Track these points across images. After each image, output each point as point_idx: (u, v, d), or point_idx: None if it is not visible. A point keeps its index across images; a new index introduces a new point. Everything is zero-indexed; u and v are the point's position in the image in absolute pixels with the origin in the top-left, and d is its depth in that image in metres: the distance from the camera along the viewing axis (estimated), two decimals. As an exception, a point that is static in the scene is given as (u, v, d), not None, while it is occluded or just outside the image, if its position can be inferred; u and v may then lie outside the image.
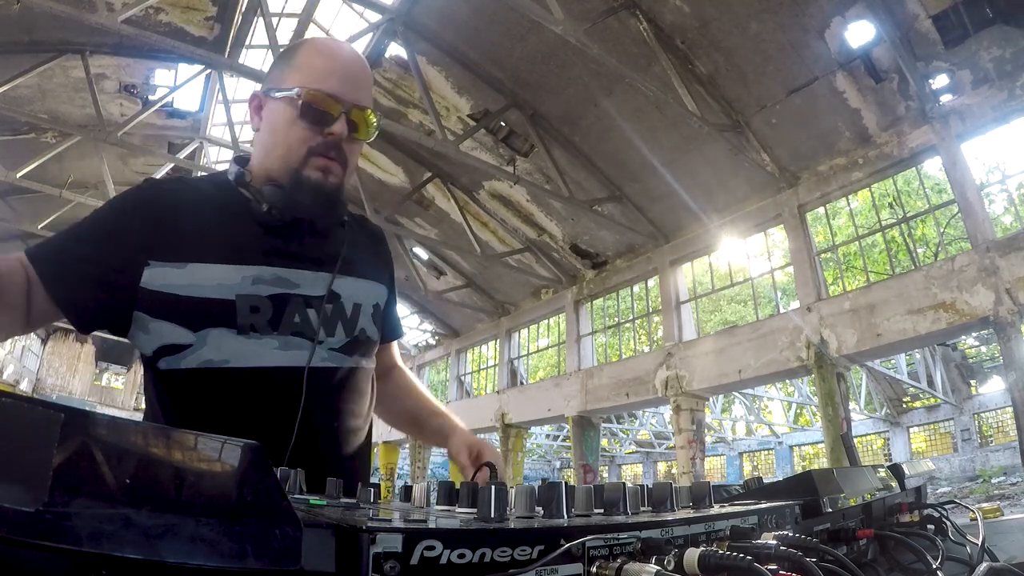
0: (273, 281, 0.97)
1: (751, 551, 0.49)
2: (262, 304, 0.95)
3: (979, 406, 18.74)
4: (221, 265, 0.94)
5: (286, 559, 0.32)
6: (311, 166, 0.99)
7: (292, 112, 0.98)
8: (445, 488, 0.65)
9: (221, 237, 0.97)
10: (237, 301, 0.94)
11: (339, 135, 0.99)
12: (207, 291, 0.93)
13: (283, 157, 1.00)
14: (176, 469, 0.31)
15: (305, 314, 0.98)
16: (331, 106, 0.98)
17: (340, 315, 1.03)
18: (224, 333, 0.93)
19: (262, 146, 1.04)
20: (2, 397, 0.28)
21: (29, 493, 0.26)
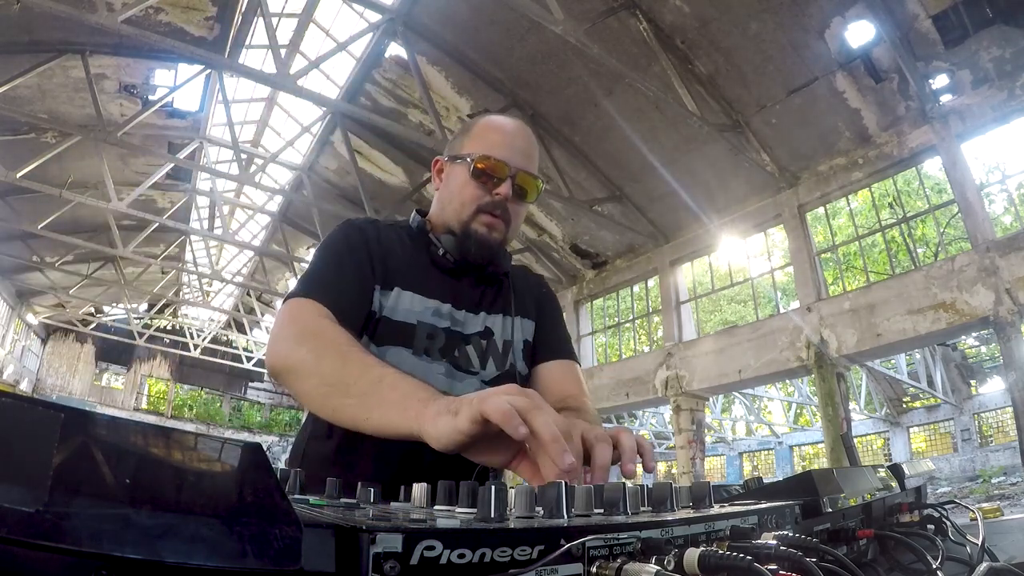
0: (447, 316, 1.15)
1: (751, 551, 0.49)
2: (437, 334, 1.13)
3: (979, 406, 18.75)
4: (411, 293, 1.12)
5: (286, 559, 0.32)
6: (479, 221, 1.15)
7: (466, 174, 1.14)
8: (445, 488, 0.65)
9: (410, 270, 1.15)
10: (417, 327, 1.11)
11: (504, 195, 1.13)
12: (397, 314, 1.11)
13: (457, 212, 1.16)
14: (176, 469, 0.31)
15: (464, 350, 1.16)
16: (499, 170, 1.13)
17: (493, 351, 1.19)
18: (401, 351, 1.09)
19: (440, 201, 1.22)
20: (2, 397, 0.28)
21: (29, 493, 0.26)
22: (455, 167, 1.18)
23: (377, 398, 0.80)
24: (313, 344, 0.91)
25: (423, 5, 9.25)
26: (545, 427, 0.63)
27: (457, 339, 1.15)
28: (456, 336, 1.15)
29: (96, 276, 17.58)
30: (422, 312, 1.12)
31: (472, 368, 1.15)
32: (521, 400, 0.65)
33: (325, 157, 13.73)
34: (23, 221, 12.75)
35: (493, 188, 1.13)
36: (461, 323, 1.16)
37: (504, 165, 1.13)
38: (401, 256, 1.16)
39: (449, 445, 0.68)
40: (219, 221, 16.78)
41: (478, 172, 1.13)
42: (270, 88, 12.19)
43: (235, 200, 16.17)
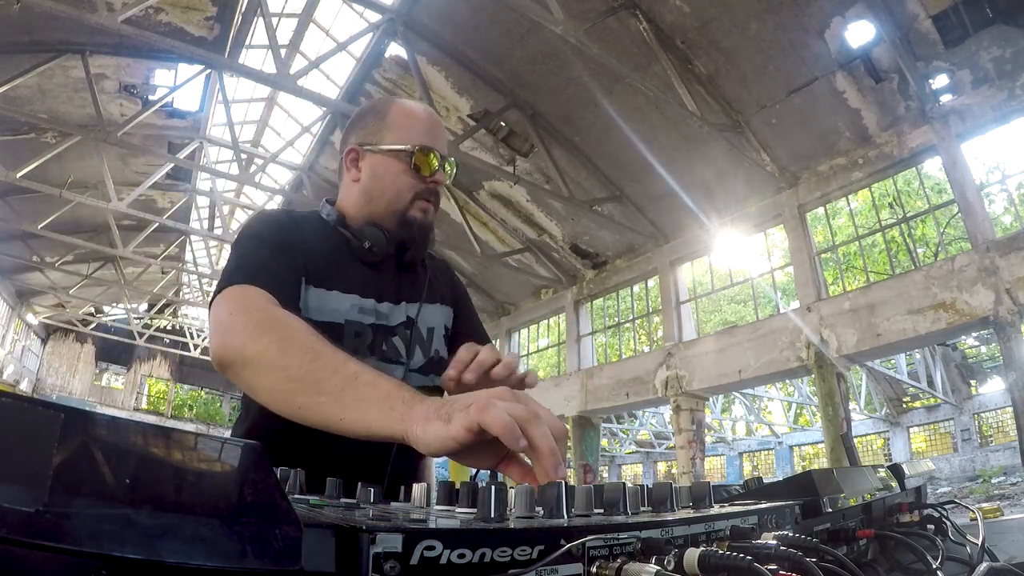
0: (371, 311, 1.15)
1: (751, 551, 0.49)
2: (364, 331, 1.13)
3: (979, 406, 18.74)
4: (336, 292, 1.11)
5: (286, 559, 0.32)
6: (415, 208, 1.17)
7: (401, 164, 1.15)
8: (445, 488, 0.65)
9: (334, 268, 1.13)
10: (345, 326, 1.10)
11: (441, 181, 1.17)
12: (323, 315, 1.08)
13: (391, 202, 1.17)
14: (176, 469, 0.31)
15: (391, 342, 1.16)
16: (433, 158, 1.16)
17: (419, 340, 1.20)
18: None
19: (364, 192, 1.19)
20: (2, 397, 0.28)
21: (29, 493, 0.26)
22: (384, 158, 1.16)
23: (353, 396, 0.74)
24: (275, 335, 0.85)
25: (423, 5, 9.25)
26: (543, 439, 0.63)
27: (383, 332, 1.15)
28: (382, 329, 1.15)
29: (96, 276, 17.58)
30: (348, 310, 1.12)
31: (400, 359, 1.16)
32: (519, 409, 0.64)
33: (325, 157, 13.73)
34: (23, 221, 12.75)
35: (429, 176, 1.16)
36: (386, 316, 1.17)
37: (436, 153, 1.16)
38: (321, 251, 1.14)
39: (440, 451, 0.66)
40: (219, 221, 16.78)
41: (417, 162, 1.15)
42: (270, 88, 12.19)
43: (235, 200, 16.17)
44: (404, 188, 1.16)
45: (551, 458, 0.62)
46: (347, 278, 1.14)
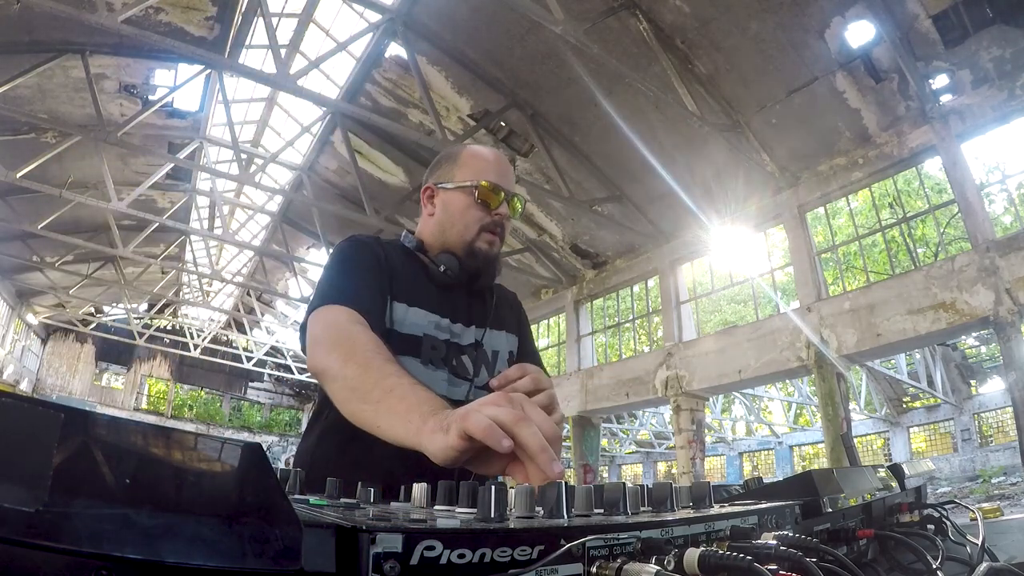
0: (446, 329, 1.27)
1: (751, 551, 0.49)
2: (439, 345, 1.25)
3: (979, 406, 18.74)
4: (417, 308, 1.24)
5: (286, 559, 0.32)
6: (482, 239, 1.29)
7: (468, 199, 1.28)
8: (445, 488, 0.65)
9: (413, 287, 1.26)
10: (423, 339, 1.23)
11: (505, 216, 1.29)
12: (406, 327, 1.22)
13: (460, 233, 1.29)
14: (176, 469, 0.31)
15: (461, 359, 1.28)
16: (498, 193, 1.28)
17: (484, 360, 1.32)
18: (411, 361, 1.19)
19: (438, 224, 1.32)
20: (2, 397, 0.28)
21: (29, 493, 0.26)
22: (454, 194, 1.30)
23: (387, 407, 0.85)
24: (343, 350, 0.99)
25: (423, 5, 9.25)
26: (532, 438, 0.65)
27: (455, 349, 1.27)
28: (454, 347, 1.27)
29: (96, 276, 17.58)
30: (426, 325, 1.24)
31: (468, 375, 1.27)
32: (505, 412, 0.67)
33: (325, 157, 13.73)
34: (23, 221, 12.74)
35: (493, 209, 1.28)
36: (458, 335, 1.29)
37: (501, 189, 1.28)
38: (404, 273, 1.27)
39: (446, 461, 0.70)
40: (219, 221, 16.78)
41: (482, 195, 1.27)
42: (270, 88, 12.19)
43: (235, 200, 16.16)
44: (472, 220, 1.28)
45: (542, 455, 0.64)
46: (427, 298, 1.26)
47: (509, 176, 1.33)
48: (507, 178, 1.32)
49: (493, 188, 1.27)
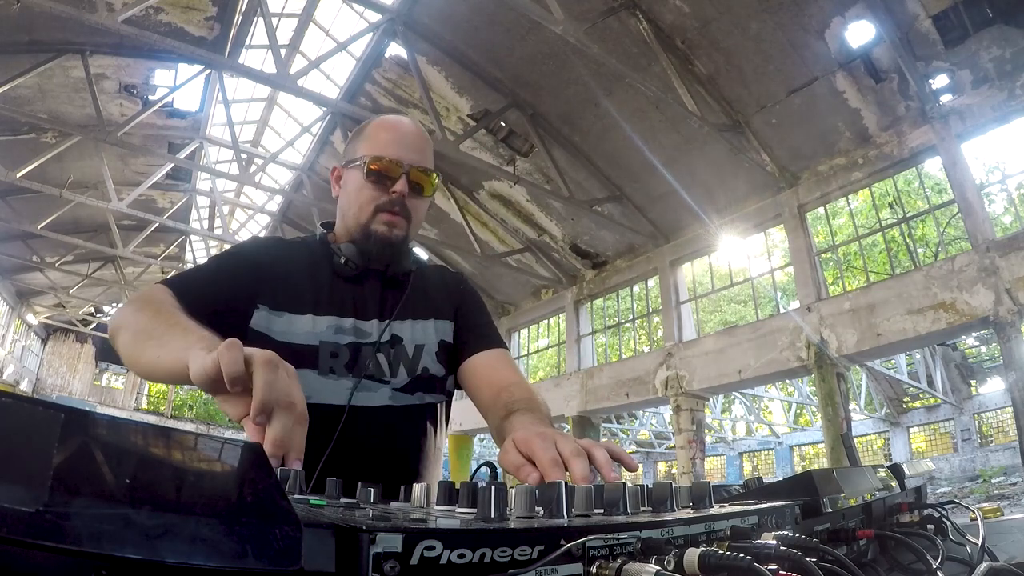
0: (350, 330, 1.14)
1: (751, 551, 0.49)
2: (340, 351, 1.12)
3: (979, 406, 18.75)
4: (309, 315, 1.12)
5: (286, 559, 0.32)
6: (378, 221, 1.15)
7: (361, 176, 1.15)
8: (445, 488, 0.65)
9: (309, 290, 1.15)
10: (320, 347, 1.11)
11: (401, 192, 1.14)
12: (298, 338, 1.10)
13: (356, 216, 1.17)
14: (176, 469, 0.31)
15: (375, 359, 1.15)
16: (393, 168, 1.14)
17: (402, 357, 1.18)
18: (307, 373, 1.08)
19: (340, 209, 1.22)
20: (2, 397, 0.28)
21: (29, 493, 0.26)
22: (351, 171, 1.18)
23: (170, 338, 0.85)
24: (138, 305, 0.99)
25: (423, 5, 9.25)
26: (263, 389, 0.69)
27: (363, 352, 1.14)
28: (361, 348, 1.14)
29: (96, 276, 17.59)
30: (323, 332, 1.12)
31: (384, 377, 1.15)
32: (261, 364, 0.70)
33: (325, 157, 13.73)
34: (23, 221, 12.75)
35: (389, 187, 1.14)
36: (366, 334, 1.16)
37: (397, 163, 1.14)
38: (302, 275, 1.16)
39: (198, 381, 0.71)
40: (219, 221, 16.78)
41: (372, 172, 1.14)
42: (270, 88, 12.19)
43: (235, 200, 16.17)
44: (365, 200, 1.15)
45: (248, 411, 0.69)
46: (326, 300, 1.15)
47: (417, 148, 1.18)
48: (412, 150, 1.17)
49: (388, 161, 1.13)
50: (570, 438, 0.79)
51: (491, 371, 1.21)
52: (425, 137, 1.24)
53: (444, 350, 1.25)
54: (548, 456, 0.74)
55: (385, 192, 1.14)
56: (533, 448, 0.78)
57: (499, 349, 1.26)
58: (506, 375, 1.19)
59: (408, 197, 1.15)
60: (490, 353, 1.24)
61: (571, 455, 0.74)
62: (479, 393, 1.19)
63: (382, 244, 1.15)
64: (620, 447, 0.83)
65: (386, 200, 1.14)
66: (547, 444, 0.77)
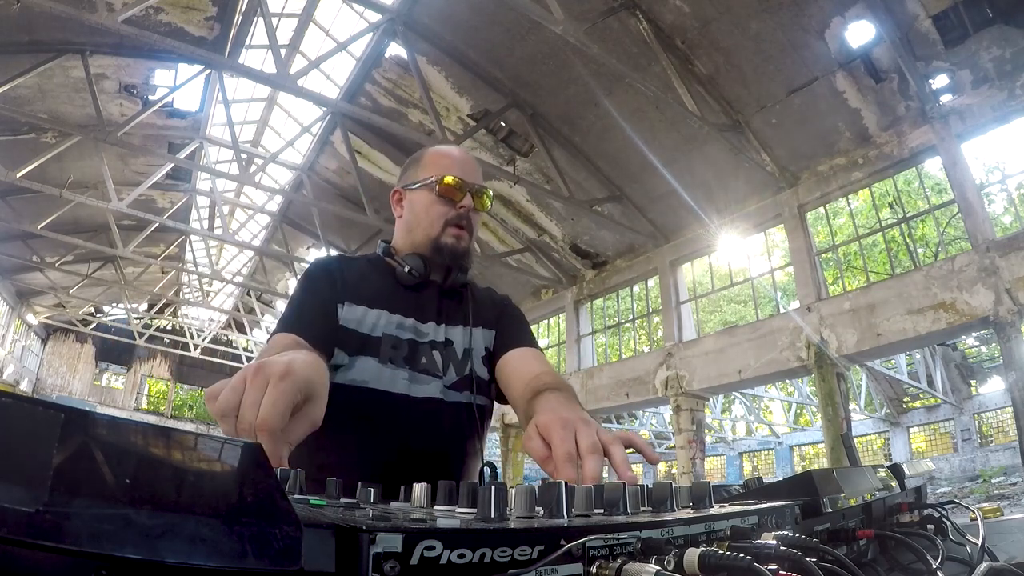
0: (410, 328, 1.28)
1: (751, 551, 0.49)
2: (400, 344, 1.25)
3: (979, 406, 18.75)
4: (377, 310, 1.26)
5: (286, 559, 0.32)
6: (447, 234, 1.30)
7: (431, 195, 1.30)
8: (445, 488, 0.65)
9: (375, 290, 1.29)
10: (383, 339, 1.24)
11: (468, 207, 1.30)
12: (364, 327, 1.24)
13: (426, 230, 1.30)
14: (176, 469, 0.31)
15: (430, 356, 1.28)
16: (460, 186, 1.29)
17: (452, 358, 1.31)
18: (368, 360, 1.22)
19: (406, 225, 1.35)
20: (2, 397, 0.28)
21: (29, 493, 0.26)
22: (417, 193, 1.32)
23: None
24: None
25: (423, 5, 9.25)
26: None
27: (419, 347, 1.27)
28: (418, 346, 1.27)
29: (96, 276, 17.58)
30: (386, 326, 1.25)
31: (436, 372, 1.27)
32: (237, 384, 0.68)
33: (325, 157, 13.73)
34: (23, 221, 12.75)
35: (457, 203, 1.29)
36: (423, 334, 1.29)
37: (463, 182, 1.30)
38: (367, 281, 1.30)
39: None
40: (219, 221, 16.78)
41: (443, 191, 1.28)
42: (270, 88, 12.19)
43: (235, 200, 16.17)
44: (436, 216, 1.29)
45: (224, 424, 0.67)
46: (391, 300, 1.28)
47: (473, 171, 1.34)
48: (471, 173, 1.33)
49: (455, 182, 1.29)
50: (592, 427, 0.79)
51: (523, 364, 1.30)
52: (475, 161, 1.41)
53: (489, 356, 1.37)
54: (564, 450, 0.75)
55: (453, 208, 1.29)
56: (552, 437, 0.78)
57: (532, 348, 1.35)
58: (537, 367, 1.27)
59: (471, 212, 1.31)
60: (522, 350, 1.34)
61: (587, 451, 0.75)
62: (511, 386, 1.27)
63: (452, 254, 1.30)
64: (642, 439, 0.84)
65: (454, 215, 1.30)
66: (566, 434, 0.77)
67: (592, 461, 0.73)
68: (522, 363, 1.30)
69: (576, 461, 0.74)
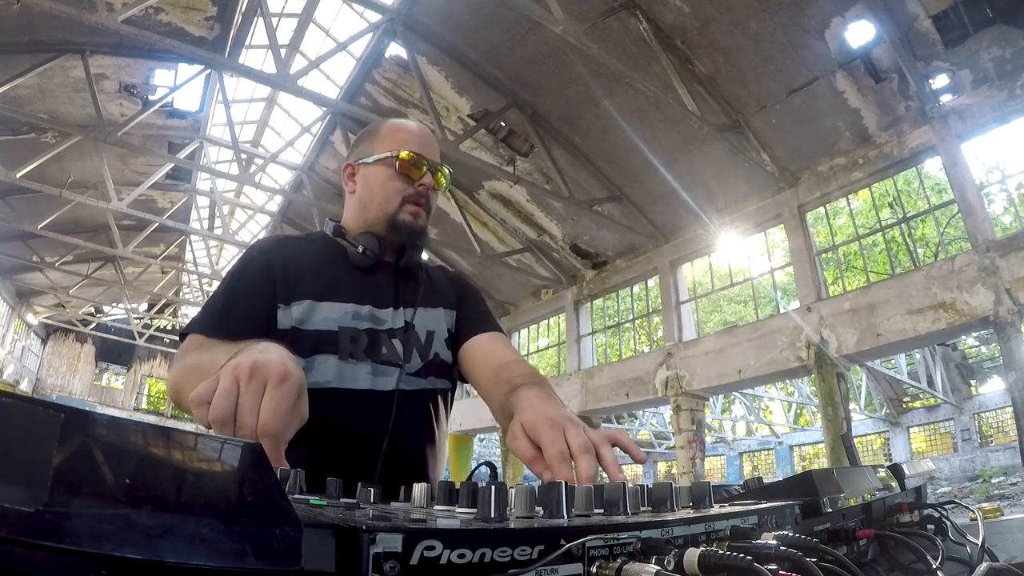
0: (367, 317, 1.19)
1: (751, 551, 0.49)
2: (359, 336, 1.17)
3: (979, 406, 18.75)
4: (327, 303, 1.16)
5: (286, 559, 0.32)
6: (405, 211, 1.23)
7: (389, 170, 1.23)
8: (445, 488, 0.65)
9: (325, 279, 1.19)
10: (340, 332, 1.15)
11: (428, 185, 1.24)
12: (316, 324, 1.15)
13: (381, 207, 1.23)
14: (176, 469, 0.31)
15: (391, 344, 1.20)
16: (418, 162, 1.23)
17: (415, 343, 1.24)
18: (328, 358, 1.13)
19: (359, 201, 1.27)
20: (2, 397, 0.28)
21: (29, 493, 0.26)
22: (373, 168, 1.25)
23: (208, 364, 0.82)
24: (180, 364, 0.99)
25: (423, 5, 9.25)
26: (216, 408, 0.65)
27: (379, 337, 1.19)
28: (379, 334, 1.19)
29: (96, 276, 17.58)
30: (341, 318, 1.17)
31: (398, 361, 1.20)
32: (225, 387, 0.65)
33: (325, 157, 13.73)
34: (23, 221, 12.75)
35: (416, 180, 1.23)
36: (382, 321, 1.21)
37: (422, 158, 1.23)
38: (314, 267, 1.21)
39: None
40: (219, 221, 16.78)
41: (402, 166, 1.22)
42: (270, 88, 12.19)
43: (235, 200, 16.17)
44: (392, 192, 1.22)
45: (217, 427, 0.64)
46: (342, 288, 1.19)
47: (432, 147, 1.28)
48: (430, 149, 1.27)
49: (415, 158, 1.22)
50: (579, 426, 0.79)
51: (488, 352, 1.26)
52: (434, 137, 1.33)
53: (452, 337, 1.31)
54: (556, 449, 0.74)
55: (411, 185, 1.23)
56: (541, 437, 0.77)
57: (496, 332, 1.31)
58: (504, 354, 1.23)
59: (429, 190, 1.25)
60: (487, 335, 1.29)
61: (579, 451, 0.74)
62: (478, 374, 1.24)
63: (410, 232, 1.23)
64: (628, 437, 0.83)
65: (413, 192, 1.23)
66: (556, 434, 0.76)
67: (585, 461, 0.73)
68: (488, 350, 1.25)
69: (570, 461, 0.73)
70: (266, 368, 0.66)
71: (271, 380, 0.65)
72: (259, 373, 0.65)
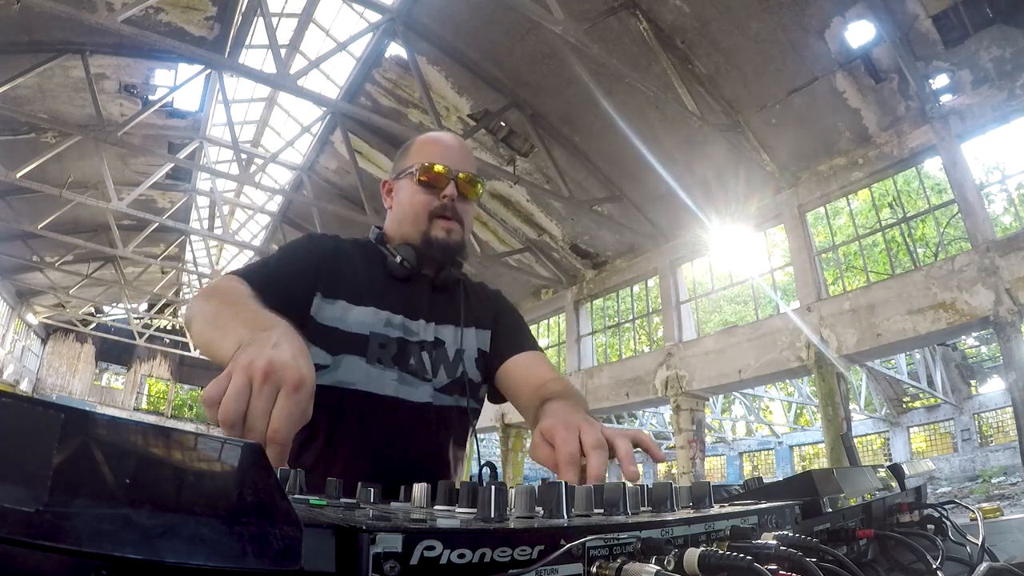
0: (399, 326, 1.20)
1: (751, 551, 0.49)
2: (388, 343, 1.18)
3: (979, 406, 18.74)
4: (362, 307, 1.18)
5: (286, 559, 0.32)
6: (436, 227, 1.22)
7: (413, 184, 1.23)
8: (445, 488, 0.65)
9: (364, 283, 1.21)
10: (370, 337, 1.17)
11: (451, 196, 1.22)
12: (350, 326, 1.16)
13: (413, 223, 1.23)
14: (176, 469, 0.31)
15: (420, 356, 1.21)
16: (442, 174, 1.22)
17: (443, 360, 1.24)
18: (356, 360, 1.15)
19: (395, 217, 1.29)
20: (2, 397, 0.28)
21: (29, 493, 0.26)
22: (401, 182, 1.27)
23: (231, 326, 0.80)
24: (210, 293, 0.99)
25: (423, 5, 9.25)
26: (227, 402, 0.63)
27: (409, 348, 1.20)
28: (408, 345, 1.21)
29: (96, 276, 17.58)
30: (374, 323, 1.18)
31: (425, 375, 1.21)
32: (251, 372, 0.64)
33: (325, 157, 13.73)
34: (23, 221, 12.75)
35: (440, 192, 1.22)
36: (413, 333, 1.22)
37: (445, 169, 1.22)
38: (357, 270, 1.22)
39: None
40: (219, 221, 16.78)
41: (423, 179, 1.22)
42: (270, 88, 12.19)
43: (235, 200, 16.17)
44: (420, 206, 1.22)
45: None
46: (378, 295, 1.21)
47: (461, 158, 1.26)
48: (457, 159, 1.24)
49: (436, 169, 1.21)
50: (596, 427, 0.79)
51: (528, 370, 1.26)
52: (468, 148, 1.33)
53: (483, 357, 1.31)
54: (567, 450, 0.75)
55: (436, 198, 1.22)
56: (555, 439, 0.78)
57: (535, 351, 1.31)
58: (543, 373, 1.24)
59: (457, 201, 1.23)
60: (526, 355, 1.30)
61: (591, 447, 0.75)
62: (518, 393, 1.24)
63: (444, 249, 1.23)
64: (649, 437, 0.84)
65: (438, 205, 1.22)
66: (570, 435, 0.77)
67: (596, 456, 0.74)
68: (529, 369, 1.26)
69: (579, 462, 0.74)
70: (282, 372, 0.64)
71: (286, 386, 0.63)
72: (273, 377, 0.63)
